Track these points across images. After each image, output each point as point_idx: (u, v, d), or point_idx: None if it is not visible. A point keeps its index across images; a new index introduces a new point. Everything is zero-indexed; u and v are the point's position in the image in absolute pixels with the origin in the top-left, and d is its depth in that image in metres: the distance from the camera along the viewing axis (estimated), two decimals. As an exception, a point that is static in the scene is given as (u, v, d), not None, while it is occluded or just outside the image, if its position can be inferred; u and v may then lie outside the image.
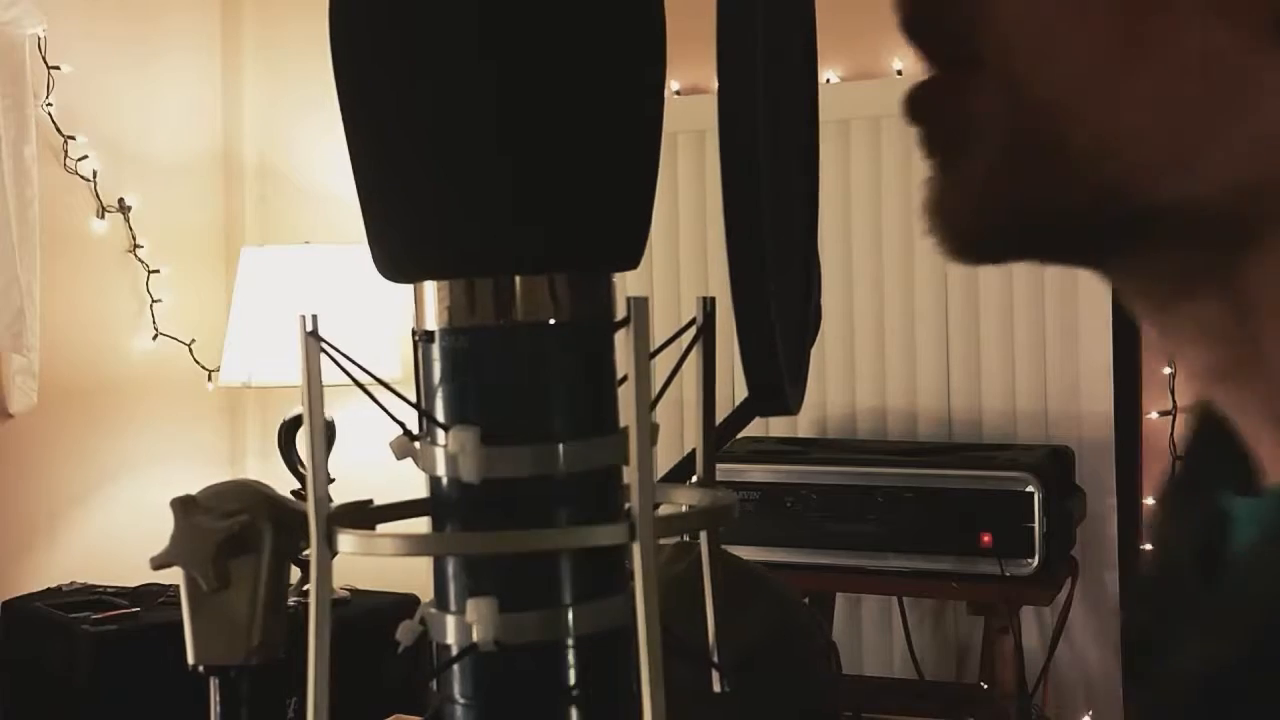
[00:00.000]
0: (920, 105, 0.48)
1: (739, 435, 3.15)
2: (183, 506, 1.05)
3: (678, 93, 3.08)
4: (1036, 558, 2.50)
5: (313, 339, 0.36)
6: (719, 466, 0.41)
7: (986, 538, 2.52)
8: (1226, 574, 0.45)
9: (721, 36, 0.39)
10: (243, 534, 1.05)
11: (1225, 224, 0.45)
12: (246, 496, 1.07)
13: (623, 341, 0.36)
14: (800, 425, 3.11)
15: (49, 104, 3.24)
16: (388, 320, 3.13)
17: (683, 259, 3.21)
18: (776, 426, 3.05)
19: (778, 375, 0.39)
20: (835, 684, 1.22)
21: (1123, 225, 0.46)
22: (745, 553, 2.55)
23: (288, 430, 3.10)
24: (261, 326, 3.15)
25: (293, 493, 2.33)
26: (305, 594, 0.42)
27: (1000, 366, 2.98)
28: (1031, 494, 2.50)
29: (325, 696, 0.36)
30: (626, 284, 0.37)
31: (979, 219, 0.47)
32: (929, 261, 2.99)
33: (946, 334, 3.04)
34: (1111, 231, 0.46)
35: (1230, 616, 0.44)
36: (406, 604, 2.94)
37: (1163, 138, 0.44)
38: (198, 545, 1.05)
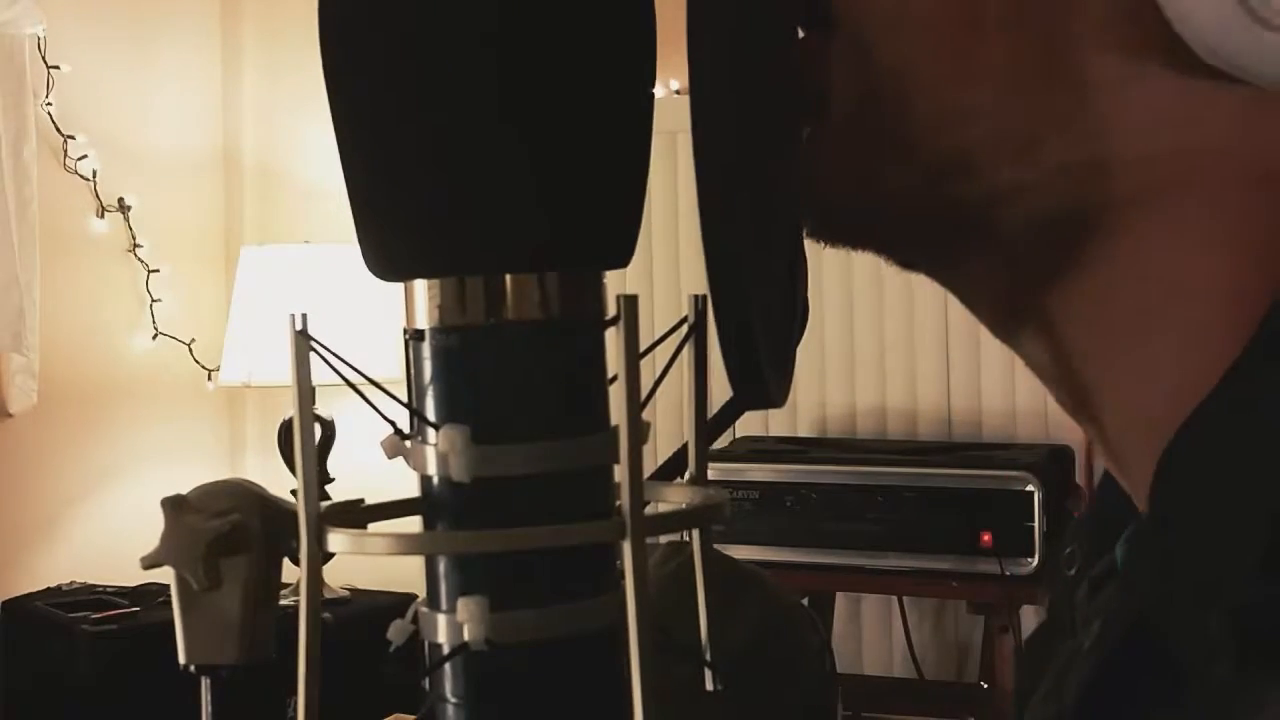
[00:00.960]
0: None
1: (738, 435, 3.12)
2: (173, 506, 1.05)
3: (677, 92, 3.08)
4: (1036, 557, 2.50)
5: (302, 338, 0.36)
6: (720, 465, 0.41)
7: (986, 537, 2.52)
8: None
9: (692, 25, 0.39)
10: (233, 534, 1.05)
11: (1054, 227, 0.44)
12: (238, 496, 1.08)
13: (615, 340, 0.36)
14: (800, 425, 3.11)
15: (49, 104, 3.24)
16: (388, 320, 3.13)
17: (683, 259, 3.21)
18: (776, 426, 3.05)
19: (757, 368, 0.39)
20: (829, 682, 1.22)
21: (959, 212, 0.45)
22: (745, 552, 2.55)
23: (288, 430, 3.10)
24: (261, 326, 3.15)
25: (292, 492, 2.33)
26: (298, 593, 0.42)
27: (1000, 366, 2.98)
28: (1031, 493, 2.50)
29: (316, 697, 0.36)
30: (627, 283, 0.37)
31: (829, 189, 0.46)
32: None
33: (946, 334, 3.04)
34: (949, 222, 0.45)
35: (1083, 655, 0.45)
36: (405, 604, 2.92)
37: (1000, 119, 0.43)
38: (188, 545, 1.05)
